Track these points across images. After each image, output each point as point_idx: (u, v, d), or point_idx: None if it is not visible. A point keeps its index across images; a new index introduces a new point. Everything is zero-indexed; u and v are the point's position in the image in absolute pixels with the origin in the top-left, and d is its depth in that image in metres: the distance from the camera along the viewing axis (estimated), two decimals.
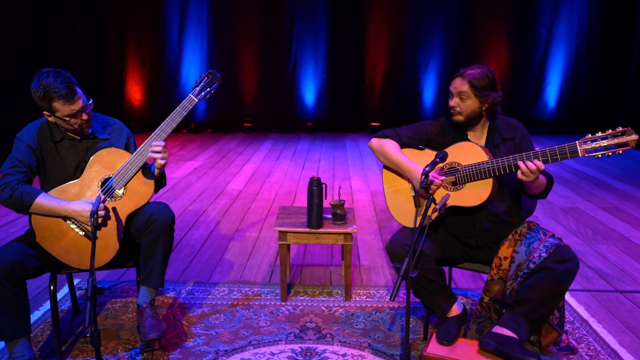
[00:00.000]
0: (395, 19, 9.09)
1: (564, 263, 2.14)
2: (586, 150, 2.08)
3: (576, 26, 8.92)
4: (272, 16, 9.08)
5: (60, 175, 2.36)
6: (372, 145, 2.53)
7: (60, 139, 2.38)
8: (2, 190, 2.23)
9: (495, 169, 2.19)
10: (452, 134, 2.38)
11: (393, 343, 2.55)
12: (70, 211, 2.24)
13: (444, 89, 9.21)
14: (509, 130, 2.36)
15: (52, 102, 2.23)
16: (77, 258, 2.30)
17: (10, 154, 2.34)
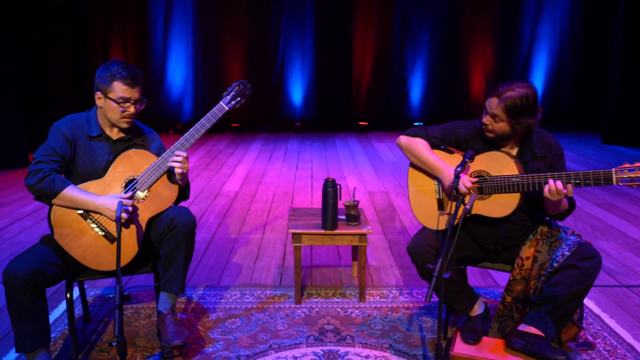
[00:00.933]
0: (381, 18, 9.12)
1: (588, 260, 2.17)
2: (621, 179, 2.02)
3: (559, 25, 9.08)
4: (259, 15, 9.02)
5: (87, 172, 2.32)
6: (401, 143, 2.50)
7: (96, 135, 2.34)
8: (32, 175, 2.19)
9: (525, 185, 2.16)
10: (484, 142, 2.36)
11: (414, 343, 2.56)
12: (98, 204, 2.21)
13: (430, 88, 9.30)
14: (543, 148, 2.30)
15: (113, 81, 2.26)
16: (94, 259, 2.24)
17: (45, 142, 2.29)
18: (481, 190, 2.28)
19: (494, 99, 2.22)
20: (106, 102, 2.31)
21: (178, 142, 2.39)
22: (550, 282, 2.20)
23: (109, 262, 2.25)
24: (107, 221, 2.26)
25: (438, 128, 2.45)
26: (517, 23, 9.12)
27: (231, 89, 2.53)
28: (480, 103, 9.34)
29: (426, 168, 2.42)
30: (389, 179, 5.92)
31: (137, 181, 2.31)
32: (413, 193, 2.50)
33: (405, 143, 2.47)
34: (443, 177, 2.33)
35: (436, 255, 2.30)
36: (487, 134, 2.29)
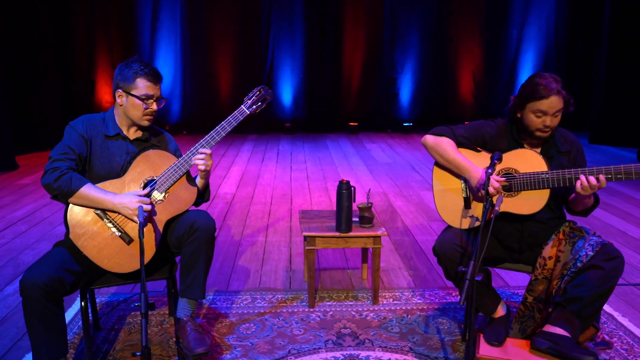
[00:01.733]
0: (371, 19, 9.13)
1: (611, 260, 2.18)
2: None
3: (545, 27, 9.21)
4: (248, 15, 8.95)
5: (104, 172, 2.26)
6: (427, 142, 2.47)
7: (114, 134, 2.29)
8: (49, 174, 2.13)
9: (555, 180, 2.17)
10: (509, 140, 2.36)
11: (433, 345, 2.54)
12: (116, 203, 2.15)
13: (420, 89, 9.33)
14: (565, 143, 2.33)
15: (136, 78, 2.24)
16: (109, 260, 2.18)
17: (61, 141, 2.24)
18: (510, 188, 2.27)
19: (555, 97, 2.20)
20: (129, 100, 2.27)
21: (198, 144, 2.35)
22: (575, 283, 2.20)
23: (125, 263, 2.19)
24: (124, 221, 2.20)
25: (464, 127, 2.43)
26: (504, 25, 9.22)
27: (252, 94, 2.51)
28: (468, 103, 9.42)
29: (453, 168, 2.39)
30: (385, 180, 5.92)
31: (156, 182, 2.26)
32: (438, 192, 2.48)
33: (431, 142, 2.44)
34: (470, 176, 2.32)
35: (463, 255, 2.29)
36: (545, 135, 2.27)
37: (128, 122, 2.34)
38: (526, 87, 2.26)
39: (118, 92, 2.29)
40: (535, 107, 2.21)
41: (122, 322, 2.76)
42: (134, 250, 2.19)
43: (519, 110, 2.29)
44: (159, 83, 2.31)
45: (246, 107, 2.47)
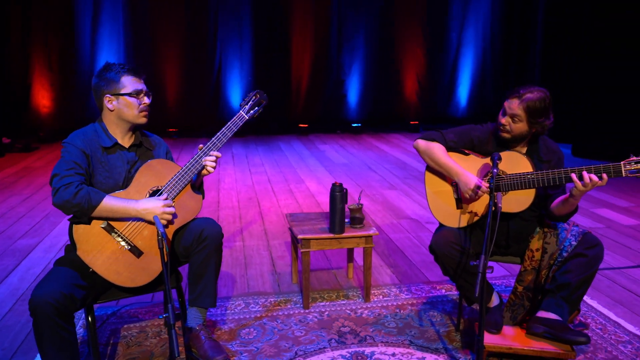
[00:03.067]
0: (318, 22, 9.24)
1: (593, 248, 2.39)
2: (629, 170, 2.22)
3: (481, 30, 9.72)
4: (195, 17, 8.79)
5: (107, 187, 2.19)
6: (419, 147, 2.59)
7: (110, 145, 2.22)
8: (64, 190, 2.02)
9: (541, 180, 2.34)
10: (496, 143, 2.51)
11: (431, 337, 2.68)
12: (140, 209, 2.11)
13: (367, 91, 9.56)
14: (548, 153, 2.49)
15: (121, 77, 2.19)
16: (120, 275, 2.13)
17: (62, 157, 2.15)
18: (498, 188, 2.43)
19: (515, 100, 2.38)
20: (120, 101, 2.22)
21: (201, 151, 2.34)
22: (562, 270, 2.40)
23: (137, 277, 2.15)
24: (134, 234, 2.16)
25: (453, 132, 2.57)
26: (445, 28, 9.64)
27: (248, 99, 2.52)
28: (413, 104, 9.77)
29: (444, 171, 2.53)
30: (345, 181, 6.04)
31: (161, 192, 2.23)
32: (431, 194, 2.61)
33: (423, 147, 2.56)
34: (460, 180, 2.46)
35: (460, 252, 2.43)
36: (503, 134, 2.44)
37: (123, 127, 2.28)
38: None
39: (106, 98, 2.22)
40: (504, 104, 2.43)
41: (116, 336, 2.69)
42: (144, 263, 2.15)
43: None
44: (142, 74, 2.29)
45: (245, 113, 2.49)
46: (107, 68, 2.22)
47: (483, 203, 2.48)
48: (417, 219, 4.61)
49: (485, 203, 2.47)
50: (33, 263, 3.64)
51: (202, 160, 2.30)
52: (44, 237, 4.15)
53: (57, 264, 2.15)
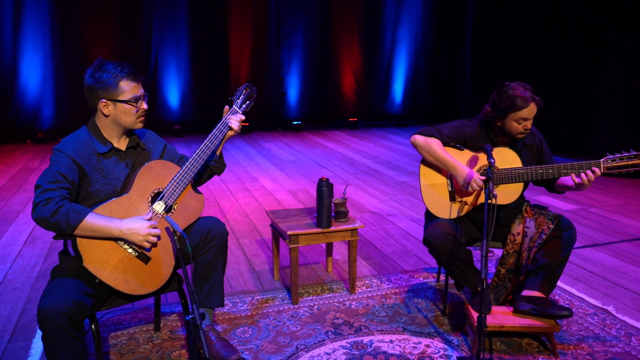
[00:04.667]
0: (256, 19, 9.18)
1: (568, 230, 2.62)
2: (607, 167, 2.46)
3: (414, 30, 10.11)
4: (128, 16, 8.43)
5: (106, 193, 2.08)
6: (417, 142, 2.69)
7: (106, 151, 2.10)
8: (42, 206, 1.89)
9: (530, 175, 2.52)
10: (486, 140, 2.65)
11: (421, 323, 2.80)
12: (124, 229, 1.98)
13: (306, 88, 9.63)
14: (530, 136, 2.67)
15: (120, 82, 2.07)
16: (129, 284, 2.04)
17: (50, 166, 2.01)
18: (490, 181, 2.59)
19: (533, 104, 2.52)
20: (117, 107, 2.11)
21: (199, 149, 2.28)
22: (542, 252, 2.60)
23: (146, 284, 2.07)
24: None
25: (448, 127, 2.70)
26: (380, 27, 9.92)
27: (239, 93, 2.49)
28: (351, 101, 9.97)
29: (441, 165, 2.65)
30: (299, 177, 6.09)
31: (163, 194, 2.16)
32: (425, 187, 2.73)
33: (421, 142, 2.67)
34: (457, 174, 2.59)
35: (454, 242, 2.57)
36: (523, 136, 2.59)
37: (119, 131, 2.19)
38: (503, 100, 2.53)
39: (102, 103, 2.10)
40: (517, 116, 2.52)
41: (105, 345, 2.57)
42: (152, 269, 2.09)
43: (498, 120, 2.58)
44: (141, 79, 2.19)
45: (237, 107, 2.46)
46: (103, 69, 2.08)
47: (474, 195, 2.63)
48: (378, 212, 4.75)
49: (475, 195, 2.63)
50: None
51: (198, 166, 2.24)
52: None
53: (56, 274, 2.03)
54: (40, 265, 3.56)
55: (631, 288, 3.22)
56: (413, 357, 2.48)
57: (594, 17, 6.56)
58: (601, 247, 3.89)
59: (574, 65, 6.85)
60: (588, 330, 2.72)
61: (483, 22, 8.58)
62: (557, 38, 7.14)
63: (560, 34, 7.09)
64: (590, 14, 6.64)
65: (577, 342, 2.60)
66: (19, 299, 3.07)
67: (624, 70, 6.15)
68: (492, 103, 2.60)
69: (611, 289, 3.22)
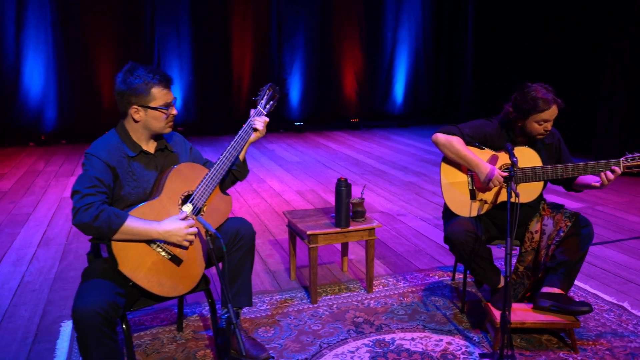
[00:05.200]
0: (258, 20, 9.19)
1: (585, 228, 2.66)
2: (626, 166, 2.51)
3: (414, 30, 10.16)
4: (130, 16, 8.43)
5: (137, 196, 2.11)
6: (439, 140, 2.71)
7: (136, 154, 2.12)
8: (84, 212, 1.91)
9: (550, 174, 2.57)
10: (506, 139, 2.68)
11: (441, 320, 2.83)
12: (162, 232, 2.01)
13: (308, 89, 9.65)
14: (549, 136, 2.71)
15: (152, 89, 2.08)
16: (162, 286, 2.07)
17: (85, 171, 2.03)
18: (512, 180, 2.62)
19: (555, 107, 2.55)
20: (148, 113, 2.14)
21: (226, 151, 2.30)
22: (561, 249, 2.64)
23: (179, 286, 2.10)
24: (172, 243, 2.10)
25: (469, 127, 2.73)
26: (380, 27, 9.96)
27: (263, 94, 2.51)
28: (353, 102, 10.00)
29: (463, 163, 2.68)
30: (305, 178, 6.11)
31: (193, 197, 2.18)
32: (446, 185, 2.76)
33: (443, 140, 2.70)
34: (479, 171, 2.62)
35: (475, 239, 2.60)
36: (543, 137, 2.63)
37: (148, 135, 2.21)
38: (525, 101, 2.55)
39: (134, 109, 2.12)
40: (538, 117, 2.55)
41: None
42: (185, 271, 2.11)
43: (520, 121, 2.61)
44: (171, 84, 2.21)
45: (262, 108, 2.48)
46: (135, 74, 2.10)
47: (494, 194, 2.67)
48: (387, 212, 4.78)
49: (495, 194, 2.67)
50: (5, 278, 3.39)
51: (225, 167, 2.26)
52: (7, 250, 3.85)
53: (88, 275, 2.05)
54: (56, 267, 3.57)
55: None
56: (436, 354, 2.51)
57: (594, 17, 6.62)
58: (611, 245, 3.94)
59: (574, 65, 6.91)
60: (605, 326, 2.76)
61: (484, 21, 8.64)
62: (557, 38, 7.21)
63: (560, 33, 7.16)
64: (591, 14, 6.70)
65: (595, 338, 2.64)
66: (39, 300, 3.08)
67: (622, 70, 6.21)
68: (513, 103, 2.63)
69: (624, 285, 3.26)
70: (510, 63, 8.18)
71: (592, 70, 6.62)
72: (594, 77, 6.58)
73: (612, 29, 6.35)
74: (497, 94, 8.49)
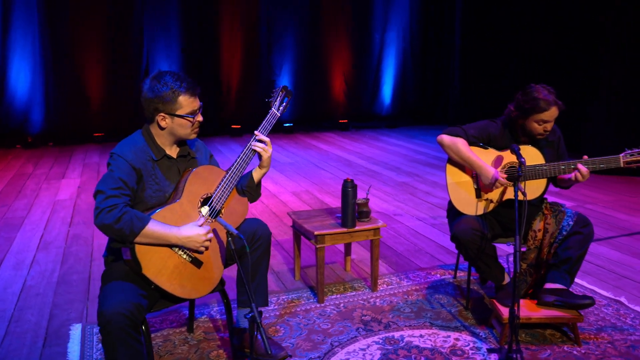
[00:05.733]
0: (248, 21, 9.18)
1: (587, 227, 2.74)
2: (626, 162, 2.61)
3: (402, 31, 10.26)
4: (118, 17, 8.36)
5: (158, 199, 2.12)
6: (444, 141, 2.78)
7: (160, 158, 2.14)
8: (107, 213, 1.92)
9: (553, 171, 2.65)
10: (509, 139, 2.76)
11: (447, 317, 2.90)
12: (182, 237, 2.03)
13: (297, 90, 9.65)
14: (551, 134, 2.78)
15: (179, 97, 2.09)
16: (184, 288, 2.09)
17: (110, 171, 2.04)
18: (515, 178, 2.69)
19: (555, 108, 2.62)
20: (174, 121, 2.14)
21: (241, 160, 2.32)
22: (563, 247, 2.72)
23: (200, 287, 2.13)
24: None
25: (473, 128, 2.80)
26: (368, 29, 10.04)
27: (276, 95, 2.52)
28: (341, 103, 10.07)
29: (467, 164, 2.75)
30: (299, 179, 6.15)
31: (212, 199, 2.20)
32: (451, 184, 2.83)
33: (448, 141, 2.77)
34: (482, 173, 2.70)
35: (481, 237, 2.67)
36: (542, 137, 2.70)
37: (172, 140, 2.22)
38: (527, 101, 2.63)
39: (160, 116, 2.12)
40: (538, 117, 2.63)
41: None
42: (205, 272, 2.14)
43: (521, 120, 2.69)
44: (198, 91, 2.22)
45: (276, 110, 2.50)
46: (163, 81, 2.09)
47: (499, 192, 2.75)
48: (384, 212, 4.85)
49: (499, 193, 2.74)
50: (7, 282, 3.36)
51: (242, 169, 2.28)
52: (5, 254, 3.82)
53: (109, 278, 2.05)
54: (58, 270, 3.55)
55: (638, 280, 3.38)
56: (445, 350, 2.57)
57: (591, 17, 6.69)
58: (603, 242, 4.05)
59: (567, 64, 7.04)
60: (605, 320, 2.85)
61: (471, 22, 8.78)
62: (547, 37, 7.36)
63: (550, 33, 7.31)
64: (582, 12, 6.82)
65: (596, 332, 2.73)
66: (44, 304, 3.06)
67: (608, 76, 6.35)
68: (516, 103, 2.71)
69: (619, 281, 3.37)
70: (497, 63, 8.33)
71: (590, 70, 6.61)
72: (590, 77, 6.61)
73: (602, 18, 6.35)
74: (484, 94, 8.68)
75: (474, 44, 8.72)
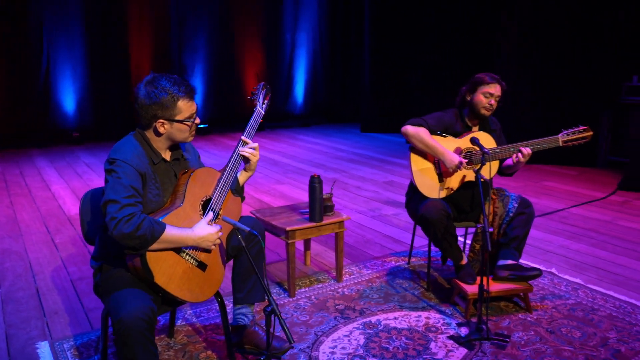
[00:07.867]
0: (157, 20, 8.90)
1: (528, 207, 3.11)
2: (564, 141, 2.99)
3: (312, 32, 10.52)
4: (14, 14, 7.68)
5: (157, 204, 2.07)
6: (408, 132, 3.00)
7: (158, 162, 2.09)
8: (125, 222, 1.86)
9: (504, 153, 2.96)
10: (462, 125, 3.06)
11: (413, 299, 3.12)
12: (196, 238, 2.03)
13: (211, 91, 9.56)
14: (493, 124, 3.14)
15: (178, 102, 2.05)
16: (192, 292, 2.08)
17: (117, 179, 1.95)
18: (472, 162, 3.00)
19: (498, 86, 2.96)
20: (174, 126, 2.11)
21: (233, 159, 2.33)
22: (510, 227, 3.06)
23: (207, 290, 2.13)
24: (197, 249, 2.12)
25: (432, 118, 3.06)
26: (279, 29, 10.16)
27: (258, 92, 2.55)
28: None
29: (430, 152, 3.00)
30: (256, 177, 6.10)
31: (212, 201, 2.20)
32: (416, 171, 3.06)
33: (412, 131, 3.00)
34: (445, 159, 2.96)
35: (447, 217, 2.93)
36: (488, 114, 3.00)
37: (169, 144, 2.18)
38: (474, 78, 3.02)
39: (159, 122, 2.08)
40: (484, 89, 2.97)
41: None
42: (210, 275, 2.14)
43: (469, 94, 3.02)
44: (195, 94, 2.19)
45: (261, 108, 2.53)
46: (160, 87, 2.03)
47: (458, 177, 3.03)
48: None
49: (459, 177, 3.02)
50: None
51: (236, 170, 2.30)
52: None
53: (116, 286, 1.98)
54: None
55: (560, 252, 3.87)
56: (420, 328, 2.79)
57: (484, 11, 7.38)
58: None
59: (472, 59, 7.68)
60: (545, 290, 3.25)
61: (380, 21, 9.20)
62: (450, 37, 7.98)
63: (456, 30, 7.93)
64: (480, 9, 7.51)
65: (540, 300, 3.11)
66: None
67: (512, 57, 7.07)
68: (467, 83, 3.05)
69: (546, 254, 3.83)
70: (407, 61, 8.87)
71: (488, 63, 7.28)
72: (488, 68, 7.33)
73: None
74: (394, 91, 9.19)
75: (383, 42, 9.16)
